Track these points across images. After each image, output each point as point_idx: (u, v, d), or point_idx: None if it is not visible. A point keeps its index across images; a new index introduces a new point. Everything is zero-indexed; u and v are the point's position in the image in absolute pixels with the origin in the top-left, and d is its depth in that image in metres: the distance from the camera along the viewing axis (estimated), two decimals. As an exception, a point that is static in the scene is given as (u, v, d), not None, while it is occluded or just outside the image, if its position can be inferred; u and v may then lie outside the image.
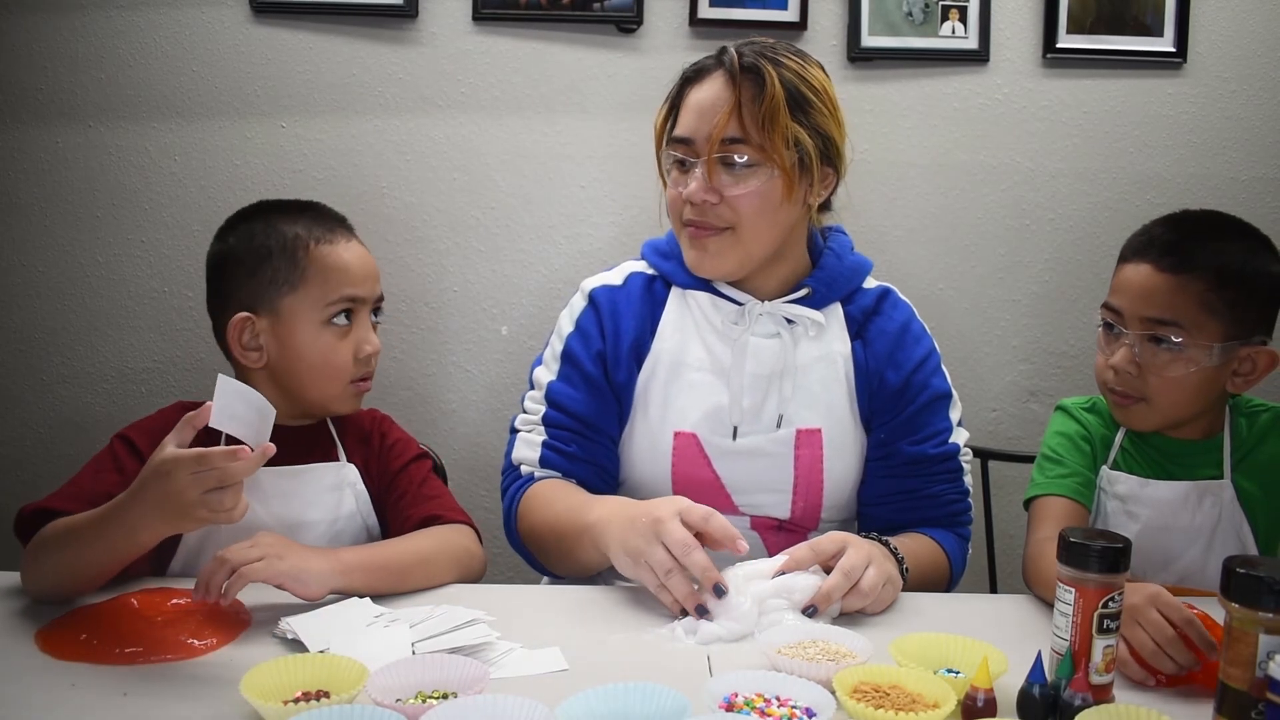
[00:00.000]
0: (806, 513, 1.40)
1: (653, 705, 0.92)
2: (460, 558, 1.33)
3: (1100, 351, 1.40)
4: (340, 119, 1.97)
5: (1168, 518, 1.38)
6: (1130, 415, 1.39)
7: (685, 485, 1.39)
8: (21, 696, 0.98)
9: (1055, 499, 1.39)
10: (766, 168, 1.32)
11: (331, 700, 0.92)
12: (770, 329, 1.39)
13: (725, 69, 1.33)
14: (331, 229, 1.40)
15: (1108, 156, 2.03)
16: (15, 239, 1.98)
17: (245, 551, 1.13)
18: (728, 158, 1.32)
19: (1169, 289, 1.32)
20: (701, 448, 1.38)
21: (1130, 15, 1.97)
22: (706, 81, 1.35)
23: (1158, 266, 1.33)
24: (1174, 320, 1.32)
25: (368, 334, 1.39)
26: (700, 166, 1.33)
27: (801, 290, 1.41)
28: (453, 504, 1.42)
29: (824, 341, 1.41)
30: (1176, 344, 1.32)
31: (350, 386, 1.39)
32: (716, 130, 1.31)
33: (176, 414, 1.42)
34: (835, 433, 1.40)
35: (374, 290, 1.41)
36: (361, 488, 1.40)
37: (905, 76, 1.99)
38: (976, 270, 2.05)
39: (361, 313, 1.39)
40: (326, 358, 1.36)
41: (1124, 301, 1.36)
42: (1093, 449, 1.44)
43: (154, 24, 1.94)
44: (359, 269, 1.39)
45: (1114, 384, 1.37)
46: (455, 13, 1.95)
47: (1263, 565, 0.90)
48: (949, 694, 0.95)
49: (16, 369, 2.02)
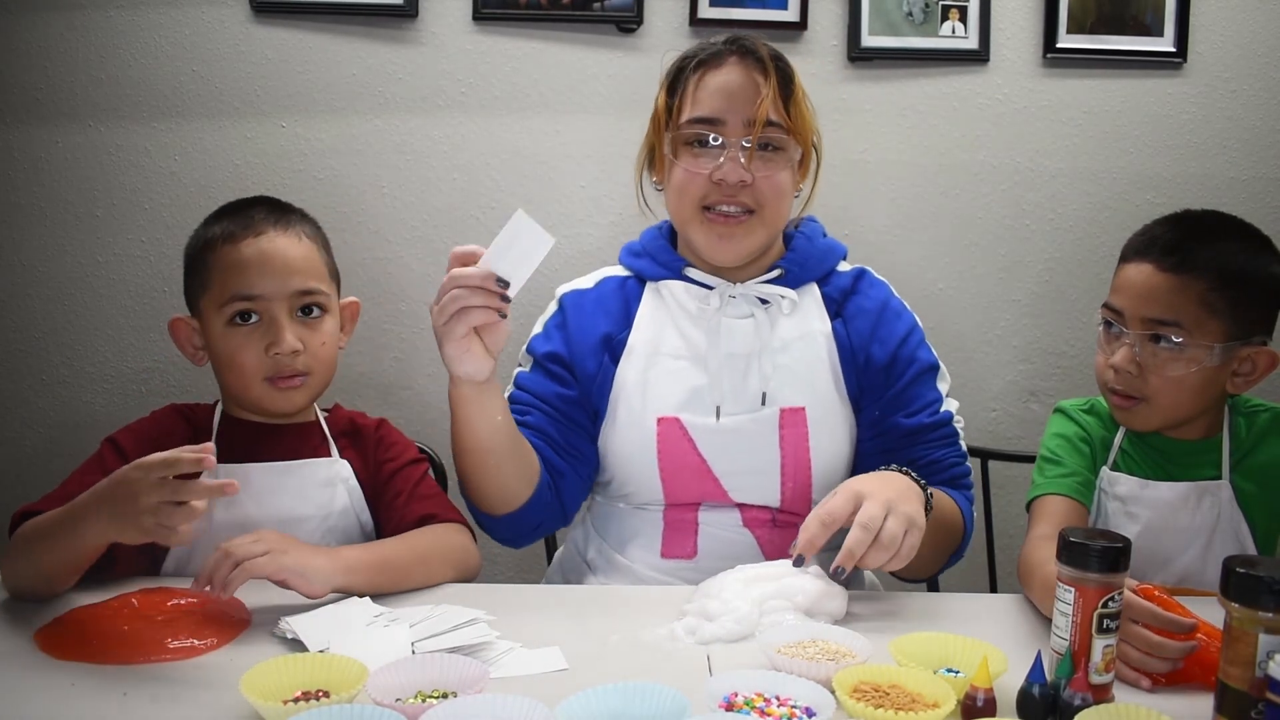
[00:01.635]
0: (797, 496, 1.39)
1: (653, 705, 0.92)
2: (458, 556, 1.33)
3: (1100, 351, 1.41)
4: (340, 119, 1.97)
5: (1167, 518, 1.38)
6: (1131, 416, 1.38)
7: (672, 471, 1.39)
8: (21, 696, 0.98)
9: (1055, 498, 1.39)
10: (790, 152, 1.37)
11: (331, 700, 0.93)
12: (744, 310, 1.41)
13: (750, 55, 1.36)
14: (245, 226, 1.37)
15: (1108, 156, 2.03)
16: (15, 239, 1.98)
17: (249, 546, 1.14)
18: (767, 140, 1.35)
19: (1170, 289, 1.32)
20: (685, 430, 1.38)
21: (1130, 15, 1.97)
22: (725, 66, 1.36)
23: (1159, 266, 1.33)
24: (1175, 320, 1.32)
25: (279, 333, 1.34)
26: (734, 149, 1.34)
27: (774, 271, 1.43)
28: (448, 504, 1.43)
29: (802, 320, 1.42)
30: (1177, 344, 1.32)
31: (267, 385, 1.35)
32: (760, 112, 1.33)
33: (168, 417, 1.43)
34: (820, 411, 1.40)
35: (283, 286, 1.35)
36: (354, 484, 1.40)
37: (905, 76, 1.99)
38: (976, 270, 2.05)
39: (271, 310, 1.34)
40: (233, 358, 1.35)
41: (1125, 301, 1.36)
42: (1092, 450, 1.44)
43: (154, 24, 1.94)
44: (256, 265, 1.34)
45: (1114, 384, 1.37)
46: (455, 13, 1.95)
47: (1262, 565, 0.90)
48: (949, 694, 0.95)
49: (16, 369, 2.01)
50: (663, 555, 1.40)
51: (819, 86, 1.96)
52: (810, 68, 1.95)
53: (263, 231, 1.37)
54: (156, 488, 1.04)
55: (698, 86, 1.37)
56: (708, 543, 1.39)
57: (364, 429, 1.47)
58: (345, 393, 1.95)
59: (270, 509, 1.34)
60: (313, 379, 1.39)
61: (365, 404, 1.66)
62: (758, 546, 1.39)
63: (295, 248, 1.38)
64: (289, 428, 1.41)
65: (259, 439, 1.39)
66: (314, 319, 1.38)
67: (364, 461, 1.43)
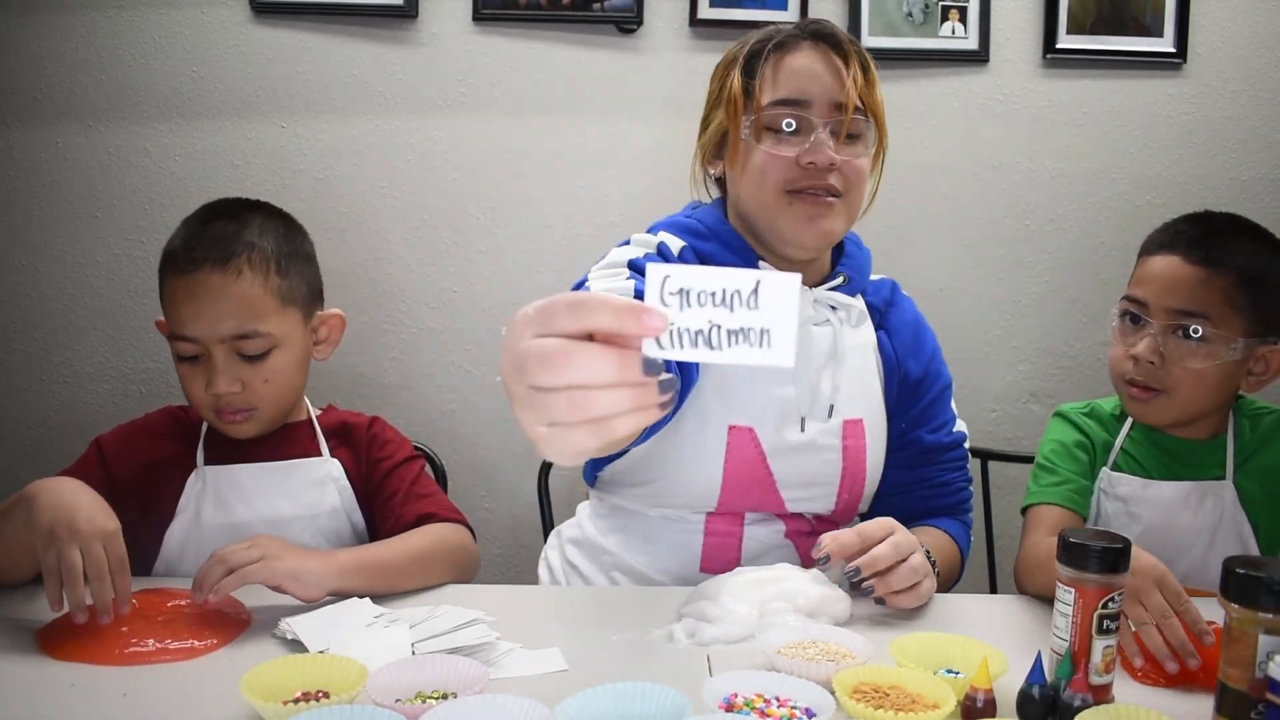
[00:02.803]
0: (849, 506, 1.39)
1: (653, 705, 0.92)
2: (456, 556, 1.33)
3: (1117, 343, 1.42)
4: (340, 119, 1.97)
5: (1170, 518, 1.38)
6: (1147, 409, 1.39)
7: (736, 484, 1.32)
8: (21, 696, 0.98)
9: (1048, 508, 1.41)
10: (868, 138, 1.33)
11: (331, 700, 0.93)
12: (820, 316, 1.36)
13: (829, 39, 1.31)
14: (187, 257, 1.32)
15: (1108, 156, 2.03)
16: (15, 239, 1.98)
17: (244, 553, 1.14)
18: (853, 125, 1.29)
19: (1197, 280, 1.34)
20: (759, 443, 1.32)
21: (1130, 15, 1.97)
22: (804, 49, 1.31)
23: (1186, 259, 1.35)
24: (1201, 311, 1.33)
25: (214, 375, 1.31)
26: (821, 131, 1.28)
27: (838, 278, 1.38)
28: (446, 503, 1.42)
29: (861, 330, 1.40)
30: (1201, 336, 1.33)
31: (215, 415, 1.34)
32: (850, 95, 1.28)
33: (162, 418, 1.43)
34: (872, 422, 1.39)
35: (215, 331, 1.30)
36: (346, 483, 1.40)
37: (905, 76, 1.99)
38: (976, 270, 2.05)
39: (210, 350, 1.31)
40: (185, 385, 1.35)
41: (1149, 292, 1.37)
42: (1090, 455, 1.45)
43: (154, 24, 1.94)
44: (191, 309, 1.31)
45: (1134, 374, 1.38)
46: (455, 13, 1.95)
47: (1263, 565, 0.90)
48: (948, 694, 0.95)
49: (16, 369, 2.01)
50: (702, 569, 1.34)
51: (819, 87, 1.97)
52: (810, 68, 1.95)
53: (199, 268, 1.31)
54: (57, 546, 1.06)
55: (777, 69, 1.30)
56: (750, 555, 1.35)
57: (356, 427, 1.45)
58: (344, 393, 1.95)
59: (259, 510, 1.34)
60: (261, 412, 1.35)
61: (364, 404, 1.66)
62: (798, 558, 1.35)
63: (232, 287, 1.31)
64: (279, 428, 1.41)
65: (248, 440, 1.38)
66: (256, 358, 1.33)
67: (356, 460, 1.42)
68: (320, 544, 1.36)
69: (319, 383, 1.59)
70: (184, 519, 1.34)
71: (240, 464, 1.36)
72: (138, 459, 1.37)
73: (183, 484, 1.35)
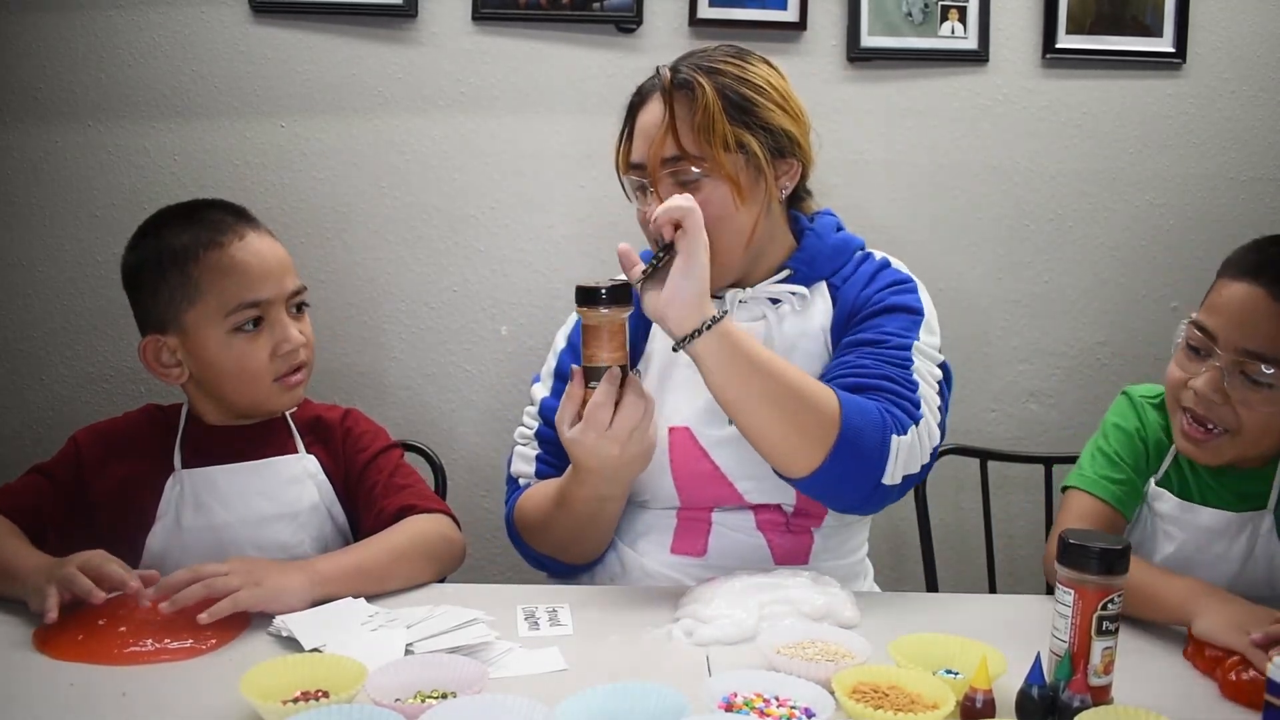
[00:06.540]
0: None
1: (652, 705, 0.92)
2: (437, 548, 1.32)
3: (1177, 366, 1.30)
4: (340, 119, 1.97)
5: (1203, 545, 1.32)
6: (1202, 451, 1.28)
7: (686, 478, 1.38)
8: (21, 696, 0.98)
9: (1097, 502, 1.34)
10: (711, 179, 1.32)
11: (330, 700, 0.93)
12: (755, 313, 1.39)
13: (657, 89, 1.34)
14: (221, 230, 1.34)
15: (1108, 156, 2.03)
16: (15, 239, 1.98)
17: (225, 581, 1.13)
18: (675, 176, 1.32)
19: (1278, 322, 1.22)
20: (696, 440, 1.37)
21: (1130, 15, 1.97)
22: (649, 104, 1.35)
23: (1271, 294, 1.22)
24: (1276, 356, 1.22)
25: (286, 331, 1.34)
26: (650, 190, 1.34)
27: (783, 272, 1.41)
28: (427, 492, 1.42)
29: (807, 317, 1.40)
30: (1268, 377, 1.22)
31: (275, 385, 1.35)
32: (654, 151, 1.32)
33: (142, 417, 1.42)
34: None
35: (281, 287, 1.35)
36: (324, 479, 1.39)
37: (905, 76, 1.99)
38: (976, 270, 2.05)
39: (272, 312, 1.34)
40: (241, 364, 1.33)
41: (1221, 324, 1.24)
42: (1146, 450, 1.37)
43: (154, 24, 1.94)
44: (257, 269, 1.33)
45: (1193, 405, 1.27)
46: (455, 13, 1.95)
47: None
48: (948, 695, 0.95)
49: (16, 369, 2.01)
50: (672, 551, 1.39)
51: (818, 86, 1.97)
52: (810, 68, 1.95)
53: (244, 235, 1.35)
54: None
55: (631, 128, 1.38)
56: (719, 542, 1.38)
57: (330, 422, 1.45)
58: (343, 391, 1.95)
59: (238, 512, 1.33)
60: (308, 370, 1.40)
61: (363, 403, 1.65)
62: (768, 550, 1.37)
63: (277, 247, 1.38)
64: (254, 427, 1.40)
65: (224, 441, 1.38)
66: (302, 313, 1.40)
67: (333, 455, 1.42)
68: (303, 540, 1.35)
69: (319, 382, 1.59)
70: (164, 524, 1.34)
71: (217, 465, 1.35)
72: (113, 472, 1.36)
73: (160, 489, 1.35)
